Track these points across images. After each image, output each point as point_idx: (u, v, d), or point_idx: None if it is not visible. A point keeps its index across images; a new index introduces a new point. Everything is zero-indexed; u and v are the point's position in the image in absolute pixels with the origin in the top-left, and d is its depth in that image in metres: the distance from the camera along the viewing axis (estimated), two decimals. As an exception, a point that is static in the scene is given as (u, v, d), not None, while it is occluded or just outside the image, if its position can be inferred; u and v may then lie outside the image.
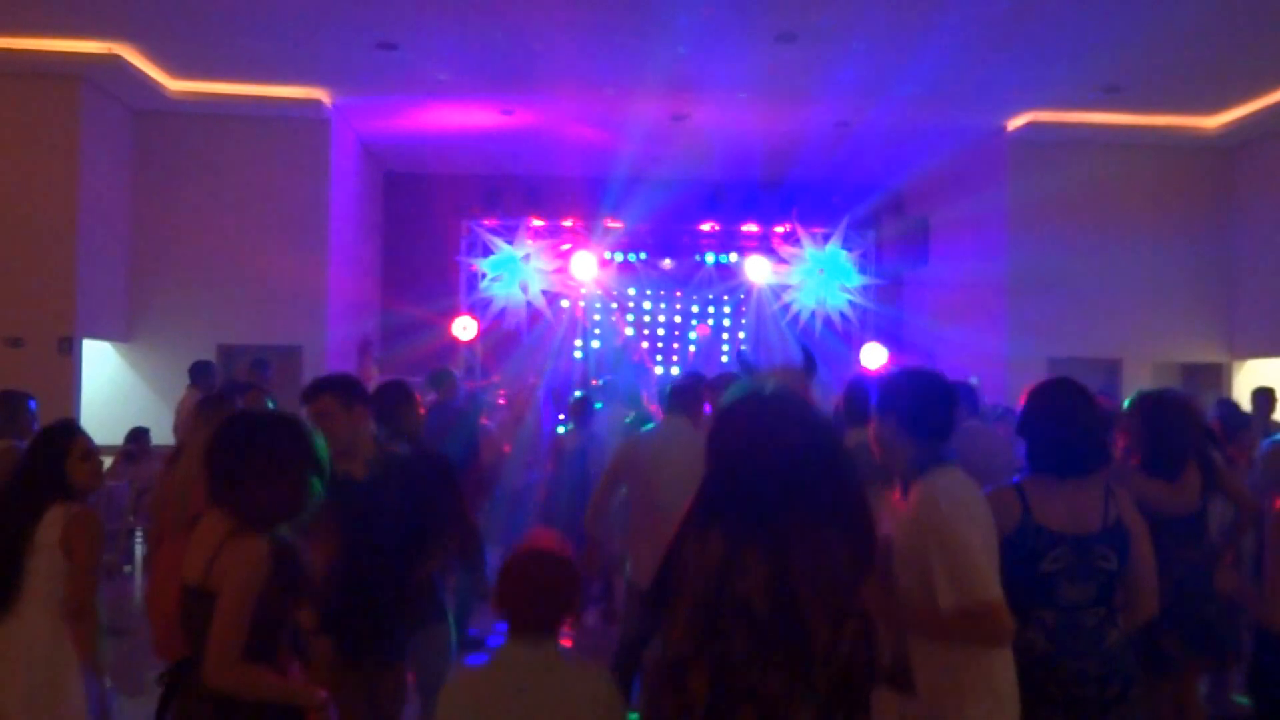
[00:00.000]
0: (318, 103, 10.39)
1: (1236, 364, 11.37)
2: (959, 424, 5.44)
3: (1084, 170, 11.02)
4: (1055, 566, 2.81)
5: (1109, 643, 2.82)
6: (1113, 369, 10.81)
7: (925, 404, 2.69)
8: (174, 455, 5.19)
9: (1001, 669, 2.53)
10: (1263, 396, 8.20)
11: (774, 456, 2.09)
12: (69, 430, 3.55)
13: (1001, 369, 10.93)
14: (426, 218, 12.84)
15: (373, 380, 11.10)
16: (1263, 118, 10.25)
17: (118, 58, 9.09)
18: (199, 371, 8.70)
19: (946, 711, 2.48)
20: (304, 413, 3.71)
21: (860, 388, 4.54)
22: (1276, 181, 10.80)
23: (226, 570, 2.52)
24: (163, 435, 8.82)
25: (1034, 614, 2.80)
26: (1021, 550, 2.82)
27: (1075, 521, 2.85)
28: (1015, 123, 10.94)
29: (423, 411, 4.84)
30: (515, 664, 2.37)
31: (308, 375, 9.85)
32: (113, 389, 10.20)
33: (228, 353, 10.34)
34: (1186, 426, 4.00)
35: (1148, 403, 4.08)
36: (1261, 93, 9.85)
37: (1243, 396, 9.10)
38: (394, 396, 4.38)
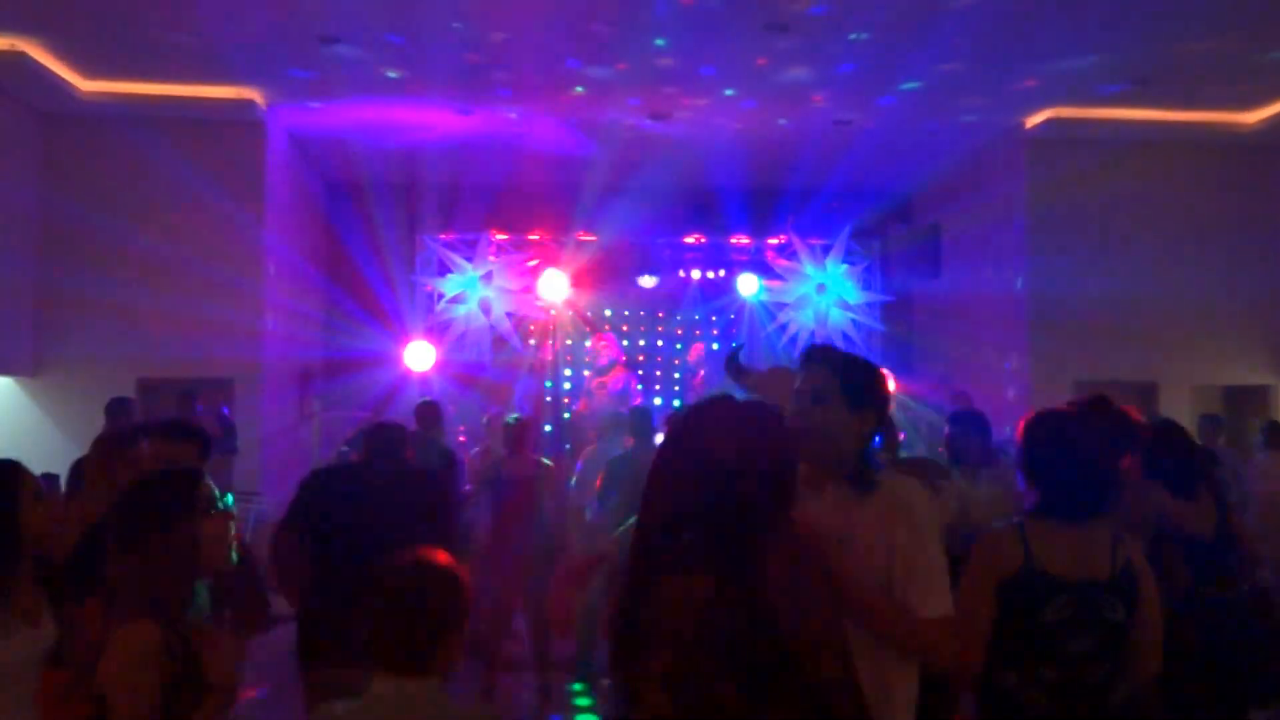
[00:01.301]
0: (250, 103, 10.13)
1: (1286, 386, 11.20)
2: (985, 461, 5.62)
3: (1110, 172, 10.85)
4: (1058, 616, 2.80)
5: (1115, 700, 2.82)
6: (1148, 393, 10.41)
7: (875, 379, 2.68)
8: (70, 493, 5.06)
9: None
10: None
11: (709, 470, 2.10)
12: (16, 469, 3.18)
13: (1024, 394, 10.68)
14: (376, 233, 12.75)
15: (314, 417, 10.90)
16: (1307, 112, 10.18)
17: (22, 54, 8.78)
18: (116, 409, 8.29)
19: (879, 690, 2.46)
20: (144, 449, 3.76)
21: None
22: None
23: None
24: (75, 482, 8.41)
25: (1035, 669, 2.79)
26: (1022, 597, 2.81)
27: (1081, 567, 2.83)
28: (1034, 120, 10.78)
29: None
30: (382, 706, 2.20)
31: (241, 412, 9.94)
32: (17, 430, 9.72)
33: (149, 388, 9.95)
34: (1192, 445, 4.25)
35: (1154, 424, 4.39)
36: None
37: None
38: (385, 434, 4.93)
